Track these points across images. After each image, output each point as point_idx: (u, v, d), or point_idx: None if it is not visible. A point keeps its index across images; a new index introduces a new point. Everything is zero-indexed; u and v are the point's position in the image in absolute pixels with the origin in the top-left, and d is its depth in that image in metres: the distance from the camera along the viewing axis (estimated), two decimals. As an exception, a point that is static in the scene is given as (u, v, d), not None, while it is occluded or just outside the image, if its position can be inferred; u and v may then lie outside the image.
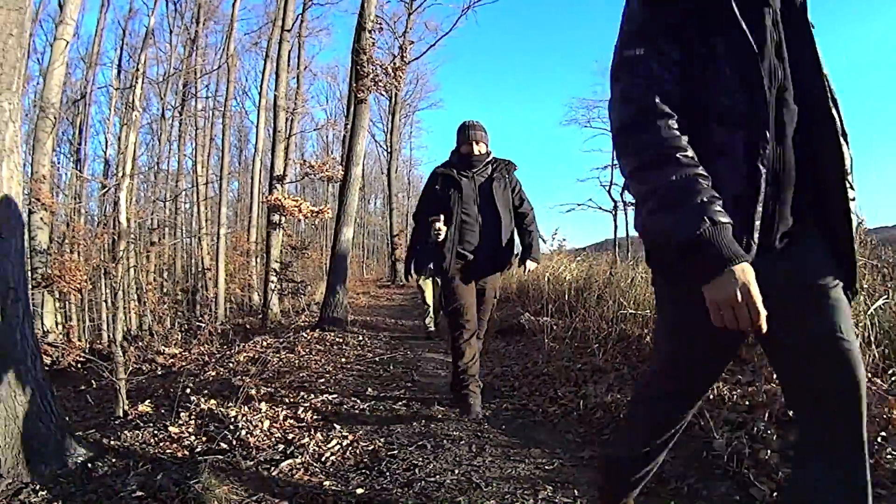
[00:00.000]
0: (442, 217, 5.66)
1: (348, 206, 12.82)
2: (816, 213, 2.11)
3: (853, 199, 2.10)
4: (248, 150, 39.74)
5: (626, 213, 27.60)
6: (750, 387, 4.76)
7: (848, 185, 2.07)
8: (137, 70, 11.13)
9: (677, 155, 1.93)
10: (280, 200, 16.14)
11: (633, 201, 2.09)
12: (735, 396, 4.63)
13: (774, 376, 4.77)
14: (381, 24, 14.31)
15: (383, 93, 15.19)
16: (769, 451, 3.69)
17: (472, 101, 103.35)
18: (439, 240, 5.67)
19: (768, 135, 1.96)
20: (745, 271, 1.82)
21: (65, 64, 13.78)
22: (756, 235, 1.97)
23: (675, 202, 1.89)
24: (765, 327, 1.82)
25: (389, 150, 38.38)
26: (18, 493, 3.63)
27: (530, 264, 6.10)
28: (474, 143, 5.79)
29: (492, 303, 6.21)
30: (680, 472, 3.81)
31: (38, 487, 3.72)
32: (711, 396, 4.69)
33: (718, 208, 1.86)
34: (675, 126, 1.98)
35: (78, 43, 26.48)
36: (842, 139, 2.07)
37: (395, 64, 13.53)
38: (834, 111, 2.07)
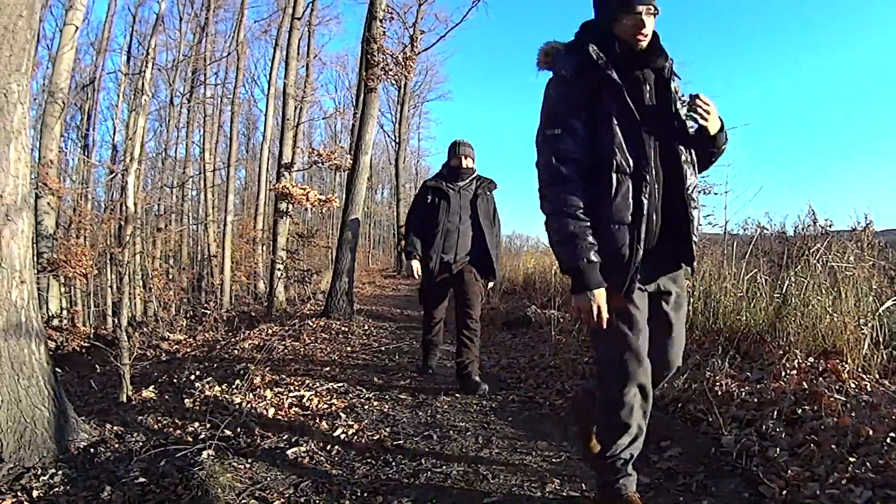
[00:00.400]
0: (417, 262, 6.62)
1: (356, 195, 12.76)
2: (671, 218, 3.06)
3: (695, 208, 3.10)
4: (255, 138, 39.76)
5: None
6: (758, 384, 4.73)
7: (690, 198, 3.04)
8: (147, 55, 11.08)
9: (576, 213, 2.91)
10: (288, 188, 16.12)
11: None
12: (743, 394, 4.60)
13: (783, 374, 4.75)
14: (391, 13, 14.22)
15: (393, 82, 15.16)
16: (778, 449, 3.65)
17: (481, 93, 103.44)
18: (415, 276, 6.77)
19: (648, 179, 2.94)
20: (598, 295, 2.89)
21: (74, 49, 13.77)
22: (641, 249, 2.94)
23: (570, 241, 2.91)
24: (604, 325, 2.92)
25: (398, 140, 38.39)
26: (20, 477, 3.60)
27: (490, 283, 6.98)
28: (463, 157, 6.59)
29: (480, 297, 6.79)
30: (688, 469, 3.77)
31: (39, 472, 3.68)
32: (720, 393, 4.66)
33: (593, 254, 2.89)
34: (578, 191, 2.94)
35: (88, 29, 26.50)
36: (686, 168, 3.04)
37: (405, 54, 13.47)
38: (680, 147, 3.06)
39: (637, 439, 3.20)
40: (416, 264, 6.54)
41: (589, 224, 2.91)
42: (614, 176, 2.93)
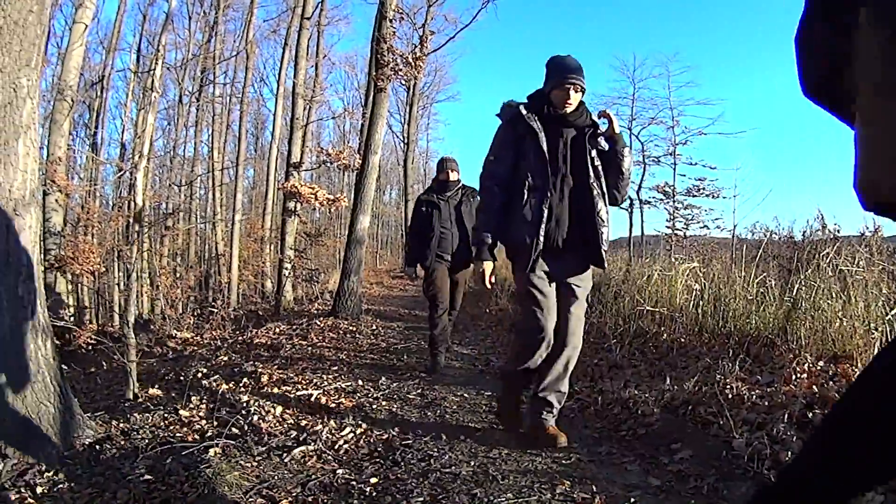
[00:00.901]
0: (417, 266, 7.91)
1: (365, 195, 12.77)
2: (581, 232, 4.45)
3: (603, 225, 4.47)
4: (264, 138, 39.79)
5: (641, 211, 27.42)
6: (769, 387, 4.70)
7: (598, 219, 4.43)
8: (157, 52, 11.10)
9: (490, 212, 4.59)
10: (296, 187, 16.15)
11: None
12: (754, 397, 4.56)
13: (794, 377, 4.73)
14: (401, 13, 14.23)
15: (403, 82, 15.18)
16: (789, 453, 3.61)
17: (490, 94, 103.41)
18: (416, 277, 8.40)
19: (550, 195, 4.36)
20: (486, 265, 4.70)
21: (83, 47, 13.81)
22: (541, 241, 4.34)
23: (479, 229, 4.66)
24: (488, 286, 4.86)
25: (406, 141, 38.30)
26: (24, 473, 3.59)
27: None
28: (449, 171, 7.81)
29: (463, 289, 8.14)
30: (700, 472, 3.73)
31: (44, 468, 3.68)
32: (731, 396, 4.63)
33: (489, 238, 4.58)
34: (497, 199, 4.56)
35: (98, 28, 26.49)
36: (596, 198, 4.42)
37: (415, 54, 13.46)
38: (593, 183, 4.43)
39: (535, 363, 4.61)
40: (417, 268, 7.78)
41: (497, 221, 4.59)
42: (526, 192, 4.43)
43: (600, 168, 4.52)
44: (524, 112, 4.49)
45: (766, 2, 72.52)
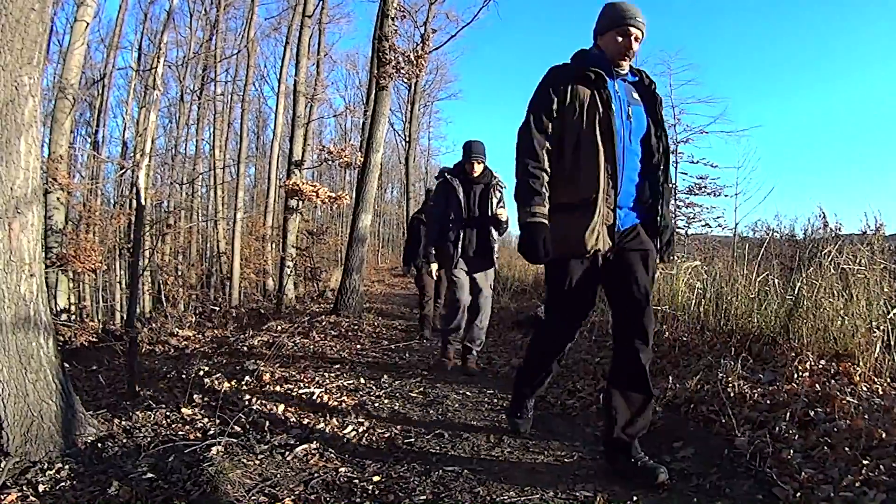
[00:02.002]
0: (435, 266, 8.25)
1: (367, 193, 12.76)
2: (483, 247, 7.21)
3: (494, 243, 7.21)
4: (265, 136, 39.88)
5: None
6: (771, 386, 4.70)
7: (491, 239, 7.18)
8: (159, 50, 11.11)
9: (435, 234, 7.37)
10: (298, 185, 16.15)
11: None
12: (756, 395, 4.56)
13: (795, 376, 4.73)
14: (403, 12, 14.21)
15: (404, 81, 15.16)
16: (791, 451, 3.61)
17: (492, 93, 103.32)
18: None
19: (464, 225, 7.12)
20: (432, 266, 8.16)
21: (85, 45, 13.80)
22: (459, 251, 7.12)
23: (428, 245, 7.74)
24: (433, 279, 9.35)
25: (408, 139, 38.29)
26: (26, 472, 3.59)
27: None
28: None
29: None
30: (702, 470, 3.74)
31: (45, 467, 3.67)
32: (733, 394, 4.64)
33: (432, 248, 7.60)
34: (437, 227, 7.34)
35: (99, 26, 26.56)
36: (491, 228, 7.17)
37: (416, 52, 13.45)
38: (489, 219, 7.11)
39: (459, 323, 7.36)
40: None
41: (435, 240, 7.43)
42: (451, 223, 7.10)
43: (495, 209, 7.23)
44: (449, 177, 7.34)
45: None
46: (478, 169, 7.18)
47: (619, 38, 3.77)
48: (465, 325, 7.43)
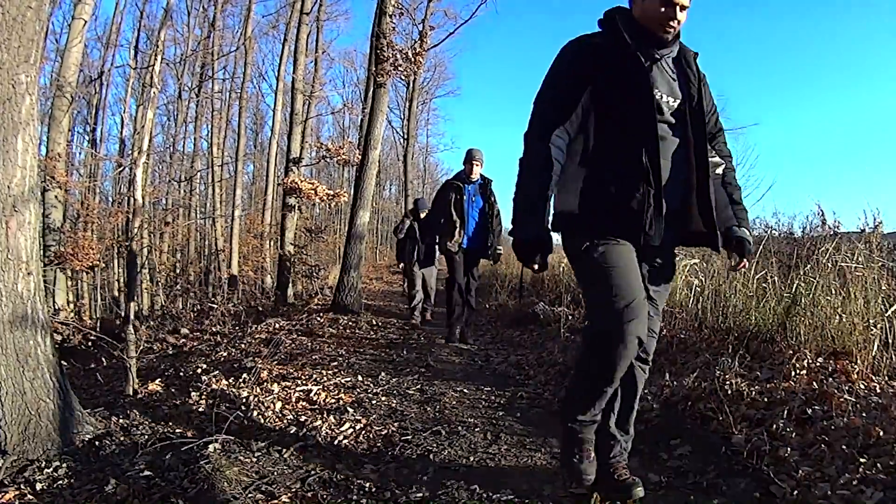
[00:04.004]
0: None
1: (365, 190, 12.75)
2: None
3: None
4: (263, 133, 39.83)
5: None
6: (768, 384, 4.70)
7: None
8: (157, 48, 11.11)
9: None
10: (296, 183, 16.14)
11: None
12: (753, 393, 4.56)
13: (793, 374, 4.73)
14: (401, 9, 14.20)
15: (402, 78, 15.14)
16: (788, 449, 3.61)
17: (490, 90, 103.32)
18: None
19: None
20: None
21: (82, 43, 13.81)
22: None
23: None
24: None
25: (406, 136, 38.23)
26: (23, 470, 3.58)
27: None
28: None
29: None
30: (699, 468, 3.74)
31: (43, 465, 3.67)
32: (730, 392, 4.63)
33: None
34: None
35: (96, 24, 26.44)
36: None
37: (414, 50, 13.44)
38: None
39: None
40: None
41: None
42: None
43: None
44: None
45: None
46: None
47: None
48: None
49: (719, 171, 3.37)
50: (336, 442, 4.37)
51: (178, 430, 4.48)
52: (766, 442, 3.77)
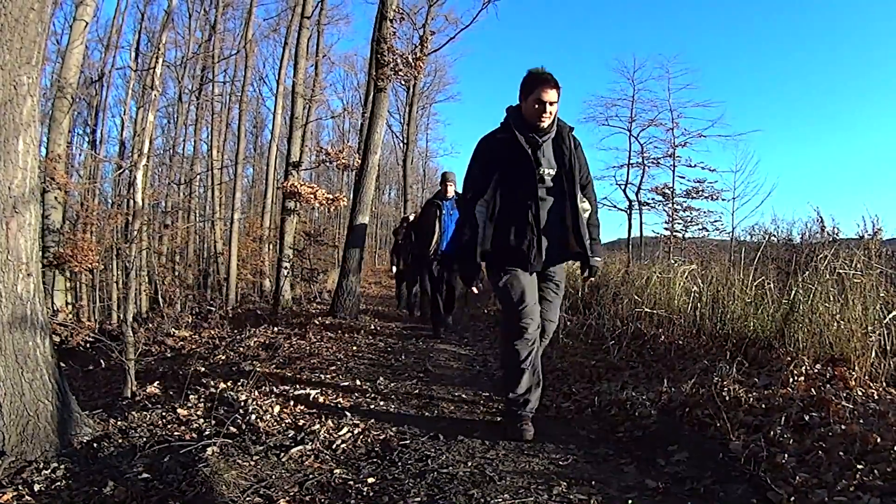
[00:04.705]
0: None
1: (364, 195, 12.75)
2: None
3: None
4: (263, 137, 39.84)
5: (640, 213, 27.26)
6: (766, 390, 4.70)
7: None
8: (158, 50, 11.12)
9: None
10: (296, 187, 16.13)
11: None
12: (751, 399, 4.56)
13: (791, 380, 4.73)
14: (402, 13, 14.21)
15: (403, 82, 15.17)
16: (786, 455, 3.60)
17: (490, 95, 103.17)
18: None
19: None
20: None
21: (84, 44, 13.83)
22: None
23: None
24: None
25: (406, 141, 38.21)
26: (21, 471, 3.59)
27: None
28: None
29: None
30: (696, 474, 3.74)
31: (41, 466, 3.68)
32: (728, 398, 4.63)
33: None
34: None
35: (97, 26, 26.45)
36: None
37: (415, 54, 13.45)
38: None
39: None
40: None
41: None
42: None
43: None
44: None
45: (766, 4, 72.62)
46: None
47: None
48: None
49: (586, 215, 4.95)
50: (334, 446, 4.36)
51: (176, 433, 4.49)
52: (763, 448, 3.76)
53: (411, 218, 14.80)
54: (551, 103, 4.60)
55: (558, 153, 4.79)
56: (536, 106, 4.58)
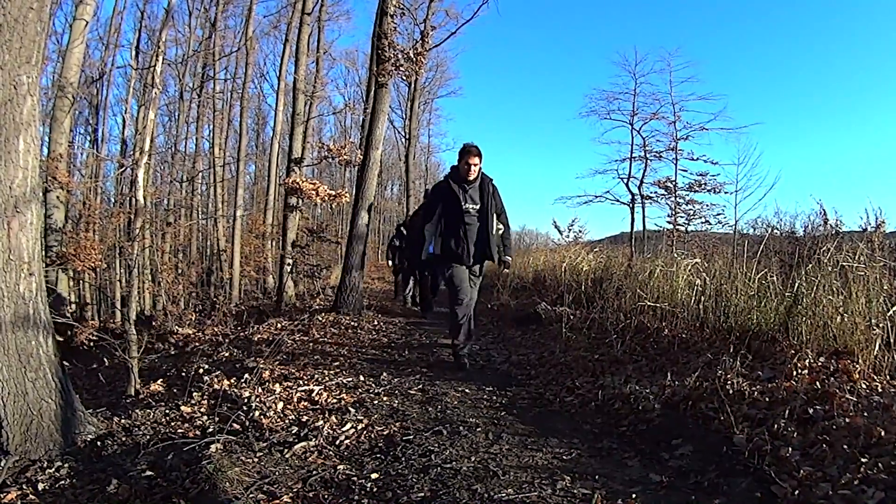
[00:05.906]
0: None
1: (366, 190, 12.73)
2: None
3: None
4: (265, 133, 39.77)
5: (643, 207, 27.09)
6: (770, 383, 4.69)
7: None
8: (158, 48, 11.11)
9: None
10: (298, 183, 16.09)
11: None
12: (755, 393, 4.55)
13: (794, 373, 4.72)
14: (402, 9, 14.17)
15: (404, 78, 15.13)
16: (790, 449, 3.60)
17: (492, 90, 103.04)
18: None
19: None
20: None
21: (84, 43, 13.79)
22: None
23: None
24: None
25: (408, 136, 38.12)
26: (25, 470, 3.59)
27: None
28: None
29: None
30: (700, 467, 3.74)
31: (45, 465, 3.68)
32: (731, 392, 4.62)
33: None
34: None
35: (97, 25, 26.40)
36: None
37: (416, 50, 13.41)
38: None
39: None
40: None
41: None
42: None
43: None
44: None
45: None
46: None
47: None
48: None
49: (500, 232, 7.67)
50: (338, 442, 4.37)
51: (179, 431, 4.49)
52: (767, 442, 3.76)
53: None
54: (475, 165, 7.37)
55: (480, 195, 7.45)
56: (465, 167, 7.33)
